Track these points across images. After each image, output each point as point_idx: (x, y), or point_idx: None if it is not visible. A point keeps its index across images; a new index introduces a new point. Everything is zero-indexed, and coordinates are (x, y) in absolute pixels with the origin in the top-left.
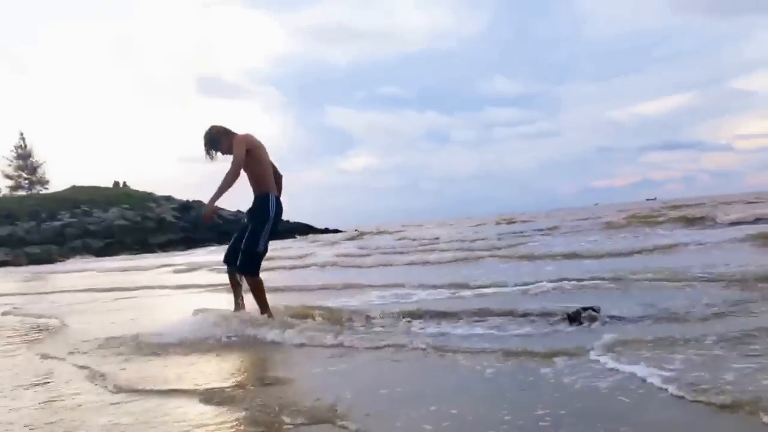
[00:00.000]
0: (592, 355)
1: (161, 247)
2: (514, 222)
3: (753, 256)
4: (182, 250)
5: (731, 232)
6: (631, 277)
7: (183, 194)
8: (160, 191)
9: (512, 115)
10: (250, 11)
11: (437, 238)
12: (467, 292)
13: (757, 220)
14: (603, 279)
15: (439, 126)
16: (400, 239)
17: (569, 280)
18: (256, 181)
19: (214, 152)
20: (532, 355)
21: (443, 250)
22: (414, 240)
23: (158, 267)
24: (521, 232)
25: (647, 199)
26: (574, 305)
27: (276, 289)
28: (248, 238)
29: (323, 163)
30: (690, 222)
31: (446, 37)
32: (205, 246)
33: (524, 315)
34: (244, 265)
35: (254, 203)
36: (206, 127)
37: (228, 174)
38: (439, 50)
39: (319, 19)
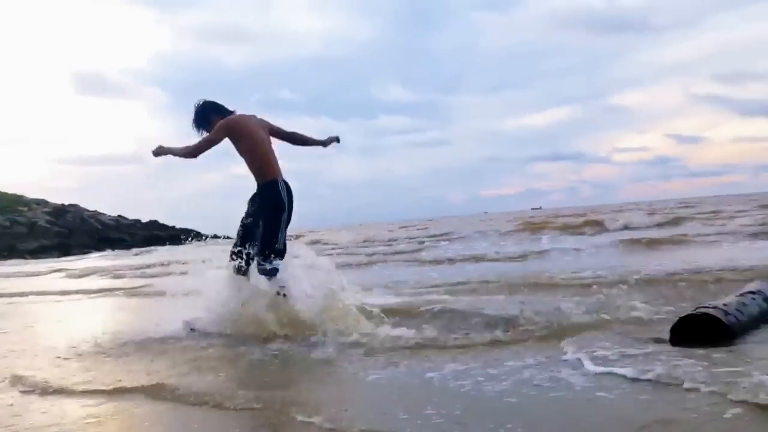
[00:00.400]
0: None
1: (32, 253)
2: (408, 227)
3: (622, 259)
4: (56, 256)
5: (606, 238)
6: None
7: (59, 198)
8: (32, 194)
9: (405, 123)
10: (131, 8)
11: (336, 244)
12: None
13: (634, 228)
14: (490, 282)
15: (332, 132)
16: (309, 244)
17: (466, 283)
18: (258, 169)
19: (202, 130)
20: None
21: (350, 254)
22: (325, 245)
23: (50, 272)
24: (417, 238)
25: (533, 209)
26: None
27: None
28: (264, 235)
29: (215, 168)
30: (572, 229)
31: (340, 42)
32: (86, 252)
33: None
34: (263, 268)
35: (260, 191)
36: (198, 102)
37: (190, 148)
38: (333, 56)
39: (209, 19)
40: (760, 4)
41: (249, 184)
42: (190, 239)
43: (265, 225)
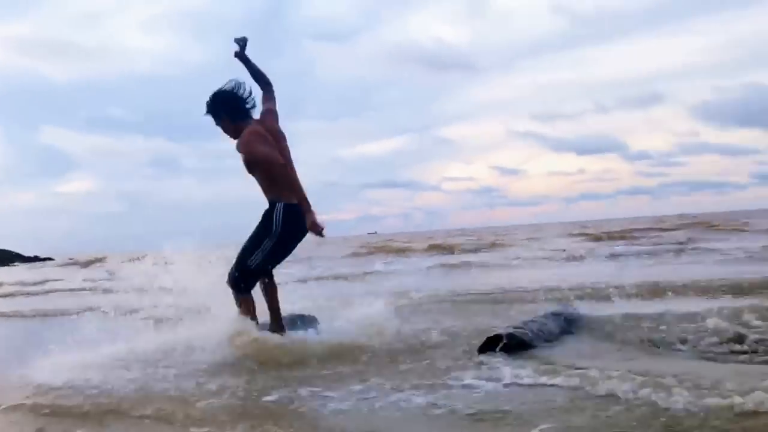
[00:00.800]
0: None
1: None
2: None
3: (447, 280)
4: None
5: (435, 261)
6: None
7: None
8: None
9: None
10: None
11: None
12: None
13: (462, 252)
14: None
15: (167, 152)
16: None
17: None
18: (265, 185)
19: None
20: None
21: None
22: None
23: None
24: None
25: (369, 233)
26: None
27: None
28: (243, 248)
29: (35, 185)
30: (404, 253)
31: (174, 63)
32: None
33: None
34: (231, 278)
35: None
36: (215, 91)
37: (297, 181)
38: (166, 75)
39: (30, 31)
40: (564, 53)
41: (72, 204)
42: None
43: (247, 240)
